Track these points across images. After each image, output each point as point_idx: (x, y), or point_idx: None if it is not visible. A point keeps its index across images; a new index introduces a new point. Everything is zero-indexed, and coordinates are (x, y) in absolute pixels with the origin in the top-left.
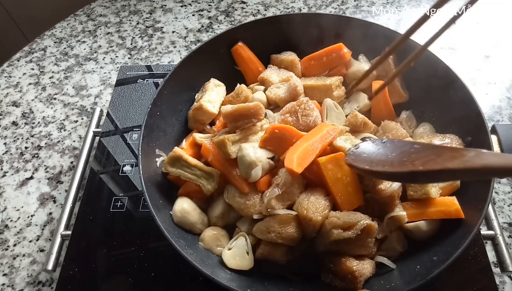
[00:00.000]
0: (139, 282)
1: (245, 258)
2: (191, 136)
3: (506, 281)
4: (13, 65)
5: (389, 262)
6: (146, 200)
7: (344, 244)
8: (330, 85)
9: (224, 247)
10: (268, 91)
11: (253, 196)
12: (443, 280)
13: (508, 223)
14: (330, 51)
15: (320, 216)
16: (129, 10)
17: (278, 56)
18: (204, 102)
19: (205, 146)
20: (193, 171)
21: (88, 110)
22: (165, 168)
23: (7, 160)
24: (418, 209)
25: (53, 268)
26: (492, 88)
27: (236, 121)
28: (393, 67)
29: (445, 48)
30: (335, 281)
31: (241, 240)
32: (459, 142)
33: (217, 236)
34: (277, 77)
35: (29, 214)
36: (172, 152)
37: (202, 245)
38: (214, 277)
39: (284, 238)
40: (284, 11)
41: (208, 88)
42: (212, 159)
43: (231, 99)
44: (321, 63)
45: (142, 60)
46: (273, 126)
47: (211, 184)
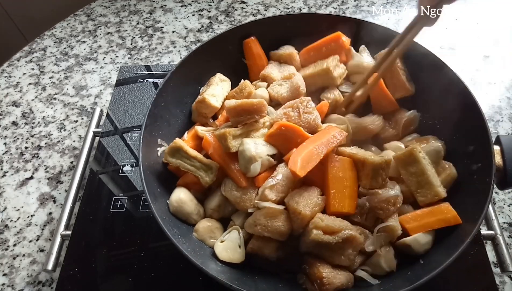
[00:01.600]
0: (139, 282)
1: (237, 251)
2: (193, 128)
3: (506, 281)
4: (13, 65)
5: (370, 278)
6: (143, 187)
7: (325, 249)
8: (327, 68)
9: (217, 239)
10: (270, 89)
11: (250, 191)
12: (443, 280)
13: (508, 223)
14: (329, 40)
15: (310, 211)
16: (129, 10)
17: (276, 52)
18: (207, 96)
19: (206, 138)
20: (193, 162)
21: (88, 110)
22: (165, 158)
23: (7, 160)
24: (417, 221)
25: (53, 268)
26: (492, 88)
27: (238, 116)
28: (397, 61)
29: (445, 48)
30: (307, 284)
31: (234, 233)
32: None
33: (211, 228)
34: (278, 73)
35: (29, 214)
36: (173, 143)
37: (196, 236)
38: (203, 268)
39: (270, 232)
40: (284, 11)
41: (213, 82)
42: (212, 151)
43: (235, 95)
44: (320, 54)
45: (142, 60)
46: (281, 123)
47: (209, 176)
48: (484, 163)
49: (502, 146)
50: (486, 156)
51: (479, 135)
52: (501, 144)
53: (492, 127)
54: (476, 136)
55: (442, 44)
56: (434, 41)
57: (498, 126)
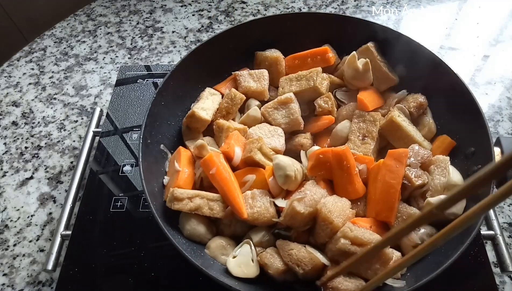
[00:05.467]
0: (139, 282)
1: (250, 266)
2: (180, 154)
3: (506, 281)
4: (13, 65)
5: (395, 282)
6: (143, 187)
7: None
8: (315, 87)
9: (229, 255)
10: (266, 112)
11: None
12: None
13: (508, 223)
14: (315, 53)
15: (342, 223)
16: (129, 10)
17: (262, 54)
18: (196, 109)
19: (211, 156)
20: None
21: (88, 110)
22: (173, 207)
23: (7, 160)
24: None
25: (53, 268)
26: (492, 88)
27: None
28: (376, 55)
29: (445, 48)
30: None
31: (246, 248)
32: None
33: (223, 245)
34: (254, 83)
35: (29, 214)
36: (170, 194)
37: (208, 253)
38: (203, 269)
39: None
40: (284, 11)
41: (202, 96)
42: (214, 172)
43: (227, 105)
44: (305, 64)
45: (142, 60)
46: (316, 152)
47: (217, 209)
48: (484, 164)
49: (502, 148)
50: (486, 157)
51: (480, 136)
52: (501, 146)
53: (492, 127)
54: (476, 138)
55: (442, 44)
56: (434, 41)
57: (498, 126)
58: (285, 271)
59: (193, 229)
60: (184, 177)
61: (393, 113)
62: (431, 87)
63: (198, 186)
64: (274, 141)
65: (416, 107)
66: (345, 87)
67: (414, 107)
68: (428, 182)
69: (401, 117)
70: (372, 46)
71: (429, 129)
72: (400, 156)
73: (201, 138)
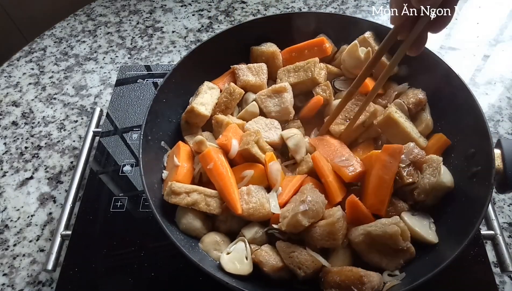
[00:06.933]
0: (139, 282)
1: (244, 263)
2: (179, 148)
3: (506, 281)
4: (13, 65)
5: (397, 273)
6: (143, 187)
7: (375, 248)
8: (314, 78)
9: (222, 252)
10: (259, 98)
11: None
12: (443, 280)
13: (508, 223)
14: (312, 44)
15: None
16: (129, 10)
17: (258, 48)
18: (195, 105)
19: (209, 151)
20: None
21: (88, 110)
22: (170, 201)
23: (7, 160)
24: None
25: (53, 268)
26: (492, 88)
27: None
28: (374, 45)
29: (445, 48)
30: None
31: (241, 245)
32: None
33: (217, 241)
34: (253, 77)
35: (29, 214)
36: (168, 187)
37: (201, 247)
38: (201, 265)
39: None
40: (284, 10)
41: (201, 91)
42: (212, 167)
43: (225, 100)
44: (302, 56)
45: (142, 60)
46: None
47: (214, 205)
48: (484, 166)
49: (503, 150)
50: (487, 159)
51: (480, 137)
52: (502, 148)
53: (492, 127)
54: (476, 139)
55: (442, 44)
56: (434, 41)
57: (498, 126)
58: (280, 268)
59: (189, 223)
60: (183, 171)
61: (390, 110)
62: (431, 87)
63: (197, 181)
64: (271, 135)
65: (415, 103)
66: (343, 77)
67: (413, 103)
68: (418, 181)
69: (398, 113)
70: (369, 36)
71: (426, 125)
72: (395, 152)
73: (200, 133)
